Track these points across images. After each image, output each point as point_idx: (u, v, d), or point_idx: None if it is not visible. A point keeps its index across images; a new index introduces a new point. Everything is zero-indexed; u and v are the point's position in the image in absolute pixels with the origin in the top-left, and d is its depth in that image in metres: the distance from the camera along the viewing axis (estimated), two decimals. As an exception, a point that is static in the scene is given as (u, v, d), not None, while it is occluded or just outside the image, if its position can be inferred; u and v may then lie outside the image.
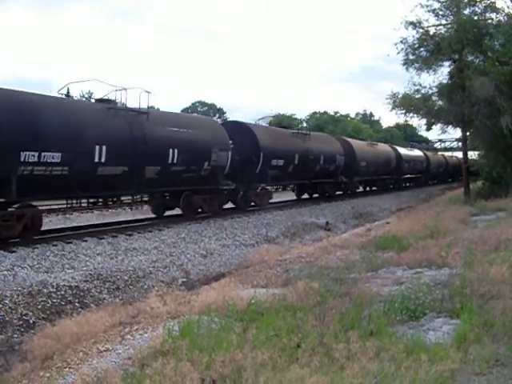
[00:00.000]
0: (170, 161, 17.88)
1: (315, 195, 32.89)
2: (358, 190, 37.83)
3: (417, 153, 53.74)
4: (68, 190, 14.88)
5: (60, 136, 13.85)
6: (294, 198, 32.47)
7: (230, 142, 21.73)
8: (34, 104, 13.69)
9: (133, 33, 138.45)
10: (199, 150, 19.32)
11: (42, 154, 13.30)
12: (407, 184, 50.96)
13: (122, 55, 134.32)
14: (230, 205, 24.01)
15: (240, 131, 23.78)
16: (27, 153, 13.01)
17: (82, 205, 17.22)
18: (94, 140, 14.89)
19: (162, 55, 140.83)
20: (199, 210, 20.74)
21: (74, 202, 16.26)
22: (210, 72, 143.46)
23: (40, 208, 15.52)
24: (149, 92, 17.84)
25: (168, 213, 20.82)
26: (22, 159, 12.95)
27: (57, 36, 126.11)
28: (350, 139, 38.40)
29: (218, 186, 20.85)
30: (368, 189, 41.97)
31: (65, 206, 17.09)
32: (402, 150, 47.73)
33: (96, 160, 14.89)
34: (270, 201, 26.75)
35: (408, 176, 49.79)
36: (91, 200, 17.36)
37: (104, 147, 15.06)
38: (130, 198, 18.16)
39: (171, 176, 18.16)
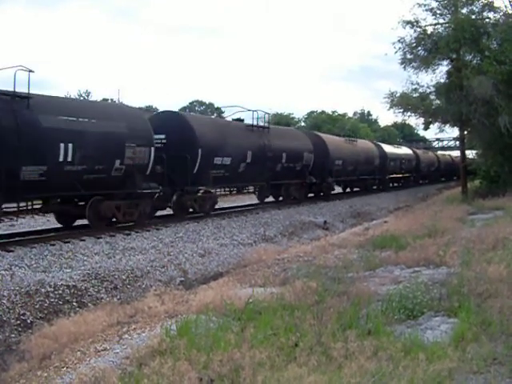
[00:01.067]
0: (61, 159, 14.23)
1: (281, 198, 27.94)
2: (333, 192, 33.57)
3: (405, 151, 50.04)
4: None
5: None
6: (256, 201, 27.56)
7: (163, 136, 18.94)
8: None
9: (130, 31, 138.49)
10: (107, 146, 15.63)
11: None
12: (394, 184, 47.74)
13: (119, 54, 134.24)
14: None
15: (173, 123, 19.84)
16: None
17: None
18: None
19: (159, 54, 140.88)
20: (113, 220, 17.03)
21: None
22: (208, 71, 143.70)
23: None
24: (31, 71, 14.11)
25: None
26: None
27: (55, 35, 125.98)
28: (322, 134, 34.34)
29: (136, 190, 17.02)
30: (349, 190, 39.05)
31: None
32: (388, 148, 44.21)
33: None
34: (217, 206, 22.79)
35: (394, 176, 46.18)
36: None
37: None
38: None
39: (64, 178, 14.42)
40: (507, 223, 14.13)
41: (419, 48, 26.42)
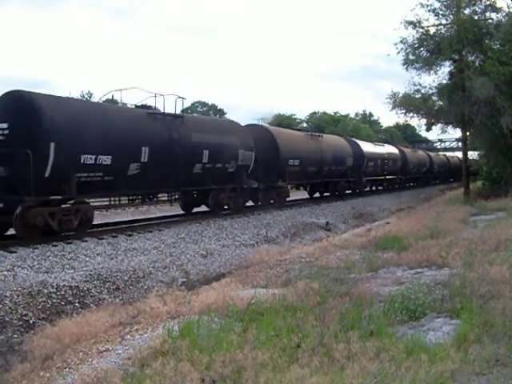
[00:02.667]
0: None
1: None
2: (290, 199, 28.70)
3: (388, 149, 43.43)
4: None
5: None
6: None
7: (5, 125, 14.25)
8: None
9: (132, 32, 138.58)
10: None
11: None
12: (373, 188, 42.24)
13: (120, 54, 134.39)
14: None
15: (16, 106, 14.11)
16: None
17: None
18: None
19: (161, 54, 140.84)
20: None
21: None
22: (211, 72, 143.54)
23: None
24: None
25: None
26: None
27: (55, 35, 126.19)
28: (271, 127, 29.16)
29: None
30: (317, 195, 33.49)
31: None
32: (366, 146, 38.25)
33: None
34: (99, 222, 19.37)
35: (375, 178, 40.04)
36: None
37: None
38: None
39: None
40: (509, 224, 14.11)
41: (422, 49, 26.37)
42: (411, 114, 29.15)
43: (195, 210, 22.24)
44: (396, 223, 19.34)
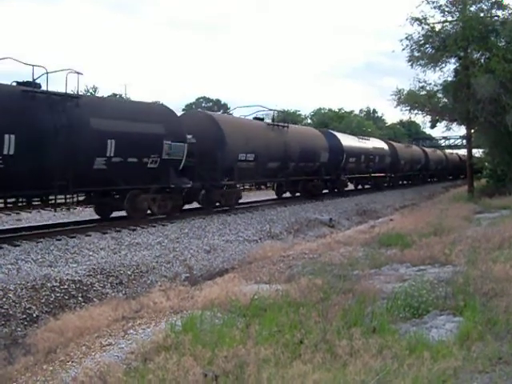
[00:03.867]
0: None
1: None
2: (242, 201, 24.42)
3: (375, 144, 38.55)
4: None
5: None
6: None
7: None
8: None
9: (136, 27, 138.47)
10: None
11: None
12: (359, 187, 38.92)
13: (125, 49, 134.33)
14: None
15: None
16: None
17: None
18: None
19: (166, 49, 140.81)
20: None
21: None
22: (216, 68, 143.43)
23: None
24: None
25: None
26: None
27: (60, 30, 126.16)
28: (215, 114, 26.34)
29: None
30: (288, 195, 29.66)
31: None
32: (347, 139, 33.47)
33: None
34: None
35: (357, 176, 36.48)
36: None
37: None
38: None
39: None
40: (514, 222, 14.07)
41: (427, 45, 26.29)
42: (416, 111, 29.12)
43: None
44: (399, 220, 19.32)
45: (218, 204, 21.47)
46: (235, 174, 21.32)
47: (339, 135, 33.13)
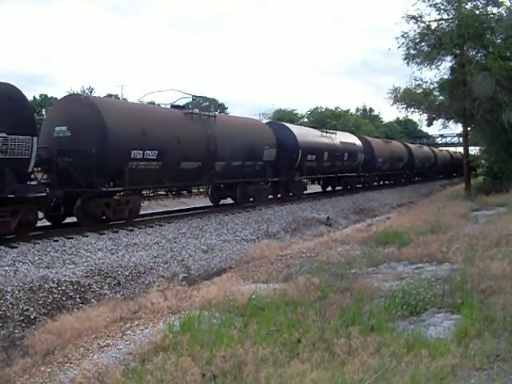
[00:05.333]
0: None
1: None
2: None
3: (343, 138, 33.62)
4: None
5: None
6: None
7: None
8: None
9: (131, 26, 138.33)
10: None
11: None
12: (326, 189, 34.07)
13: (121, 49, 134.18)
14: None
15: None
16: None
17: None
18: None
19: (162, 49, 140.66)
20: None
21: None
22: (212, 67, 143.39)
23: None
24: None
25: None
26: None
27: (55, 30, 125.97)
28: (99, 100, 19.18)
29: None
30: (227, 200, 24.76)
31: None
32: (304, 134, 28.24)
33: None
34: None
35: (319, 177, 31.89)
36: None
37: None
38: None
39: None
40: (510, 219, 14.08)
41: (423, 43, 26.30)
42: (412, 109, 29.09)
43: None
44: (397, 218, 19.34)
45: (104, 217, 16.56)
46: (125, 178, 16.08)
47: (294, 128, 28.05)
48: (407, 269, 9.61)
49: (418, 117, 31.33)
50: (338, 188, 34.47)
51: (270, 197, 26.20)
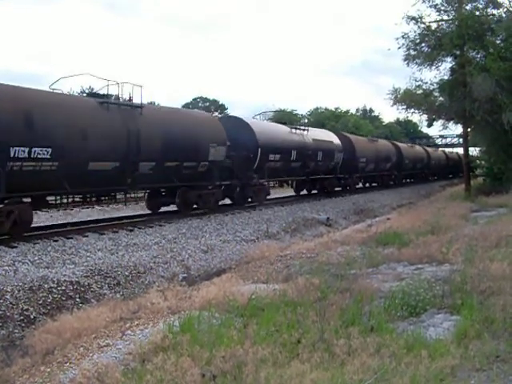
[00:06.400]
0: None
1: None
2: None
3: (317, 136, 29.71)
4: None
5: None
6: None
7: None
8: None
9: (131, 26, 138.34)
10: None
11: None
12: (301, 193, 30.75)
13: (120, 49, 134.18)
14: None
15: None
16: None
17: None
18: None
19: (162, 49, 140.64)
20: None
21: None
22: (213, 67, 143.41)
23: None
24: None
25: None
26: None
27: (55, 29, 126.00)
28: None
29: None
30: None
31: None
32: (265, 130, 24.57)
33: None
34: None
35: (286, 179, 29.12)
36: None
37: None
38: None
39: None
40: (510, 220, 14.10)
41: (423, 44, 26.33)
42: (412, 110, 29.15)
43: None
44: (397, 219, 19.33)
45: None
46: (1, 183, 12.78)
47: (253, 123, 24.13)
48: (407, 269, 9.62)
49: (418, 118, 31.41)
50: (314, 192, 31.35)
51: (229, 202, 23.39)
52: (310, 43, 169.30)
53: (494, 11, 26.03)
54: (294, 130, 27.50)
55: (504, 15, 25.75)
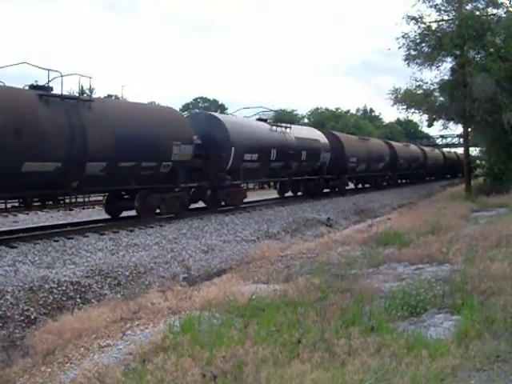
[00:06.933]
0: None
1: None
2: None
3: (301, 133, 27.76)
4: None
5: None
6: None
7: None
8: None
9: (133, 27, 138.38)
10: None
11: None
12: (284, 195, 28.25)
13: (122, 49, 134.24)
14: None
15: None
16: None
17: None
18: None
19: (163, 49, 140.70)
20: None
21: None
22: (213, 67, 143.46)
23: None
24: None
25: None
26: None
27: (55, 29, 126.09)
28: None
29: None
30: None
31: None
32: (239, 126, 22.17)
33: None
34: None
35: (265, 180, 27.24)
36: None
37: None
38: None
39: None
40: (511, 220, 14.09)
41: (423, 44, 26.31)
42: (413, 110, 29.11)
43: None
44: (397, 219, 19.33)
45: None
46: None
47: (226, 120, 22.00)
48: (407, 269, 9.62)
49: (419, 118, 31.37)
50: (299, 194, 29.09)
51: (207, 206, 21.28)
52: (310, 43, 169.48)
53: (494, 11, 26.07)
54: (274, 128, 25.24)
55: (504, 15, 25.76)
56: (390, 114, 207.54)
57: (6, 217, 18.23)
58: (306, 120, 74.59)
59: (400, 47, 26.49)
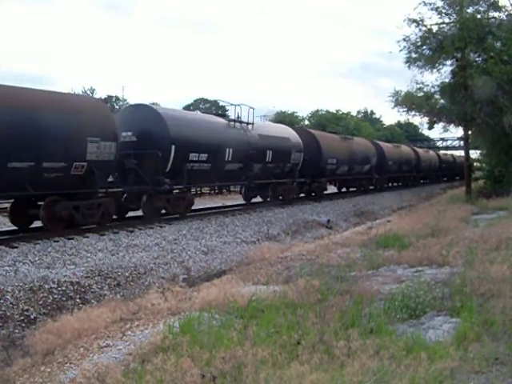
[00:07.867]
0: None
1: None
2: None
3: (268, 131, 24.61)
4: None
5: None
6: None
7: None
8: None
9: (131, 27, 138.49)
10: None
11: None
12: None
13: (123, 50, 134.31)
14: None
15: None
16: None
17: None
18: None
19: (164, 50, 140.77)
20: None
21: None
22: (214, 69, 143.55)
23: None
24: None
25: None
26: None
27: (55, 29, 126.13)
28: None
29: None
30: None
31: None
32: (187, 123, 18.99)
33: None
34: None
35: (218, 184, 24.53)
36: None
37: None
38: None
39: None
40: (511, 223, 14.10)
41: (424, 47, 26.35)
42: (413, 113, 29.15)
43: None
44: (397, 221, 19.34)
45: None
46: None
47: (166, 113, 18.48)
48: (407, 272, 9.62)
49: (419, 120, 31.43)
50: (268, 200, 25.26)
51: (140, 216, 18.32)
52: (312, 45, 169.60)
53: (495, 14, 26.10)
54: (232, 124, 21.78)
55: (505, 18, 25.79)
56: (390, 116, 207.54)
57: (6, 216, 18.19)
58: (306, 122, 74.64)
59: (401, 50, 26.56)
